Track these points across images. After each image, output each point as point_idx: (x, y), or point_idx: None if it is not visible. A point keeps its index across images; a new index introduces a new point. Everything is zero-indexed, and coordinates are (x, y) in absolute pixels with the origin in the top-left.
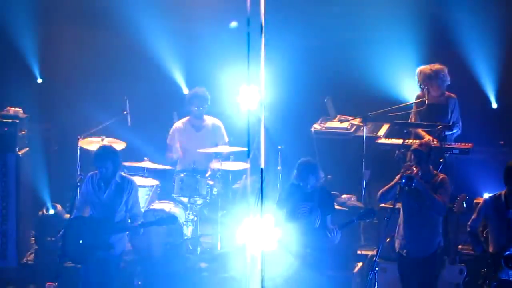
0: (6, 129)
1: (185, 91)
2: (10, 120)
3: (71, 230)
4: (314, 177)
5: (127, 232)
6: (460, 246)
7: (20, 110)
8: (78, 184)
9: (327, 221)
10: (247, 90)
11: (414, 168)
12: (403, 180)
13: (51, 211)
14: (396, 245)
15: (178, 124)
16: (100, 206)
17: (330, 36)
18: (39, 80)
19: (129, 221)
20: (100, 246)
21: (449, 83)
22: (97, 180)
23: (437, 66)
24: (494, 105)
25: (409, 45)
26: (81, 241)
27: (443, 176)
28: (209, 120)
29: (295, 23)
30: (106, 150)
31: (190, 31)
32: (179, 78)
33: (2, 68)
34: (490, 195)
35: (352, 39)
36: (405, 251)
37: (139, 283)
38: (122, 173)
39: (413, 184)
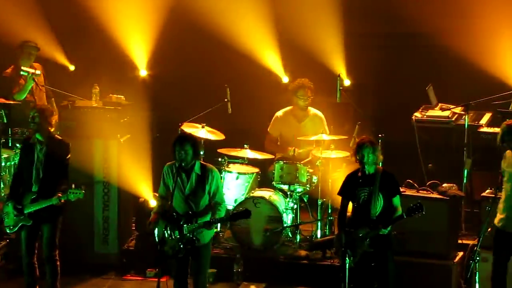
0: (108, 115)
1: (284, 80)
2: (112, 107)
3: (160, 226)
4: (369, 152)
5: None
6: None
7: (122, 97)
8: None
9: (395, 201)
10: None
11: None
12: None
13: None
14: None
15: (279, 113)
16: (183, 200)
17: (430, 23)
18: (143, 73)
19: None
20: (186, 242)
21: None
22: (177, 171)
23: None
24: None
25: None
26: (169, 237)
27: None
28: (311, 112)
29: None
30: (187, 135)
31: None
32: (277, 68)
33: (110, 60)
34: None
35: (452, 25)
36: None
37: (239, 270)
38: (202, 162)
39: None
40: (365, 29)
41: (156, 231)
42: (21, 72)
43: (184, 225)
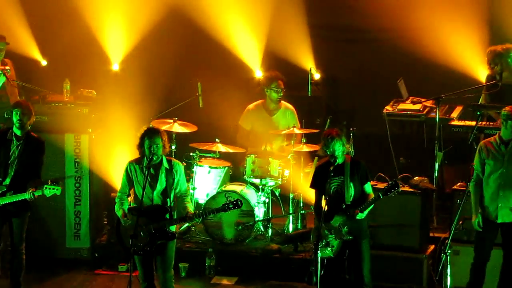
0: (79, 110)
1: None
2: (83, 102)
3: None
4: (338, 143)
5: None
6: None
7: (94, 91)
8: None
9: (366, 188)
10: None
11: None
12: None
13: None
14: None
15: (251, 106)
16: (153, 195)
17: (400, 17)
18: (115, 67)
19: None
20: (163, 237)
21: None
22: (147, 166)
23: (508, 45)
24: None
25: (479, 26)
26: (142, 234)
27: None
28: (283, 105)
29: None
30: (156, 128)
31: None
32: (246, 61)
33: (82, 53)
34: None
35: (423, 21)
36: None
37: (211, 264)
38: (167, 157)
39: None
40: (334, 23)
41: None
42: None
43: (160, 220)
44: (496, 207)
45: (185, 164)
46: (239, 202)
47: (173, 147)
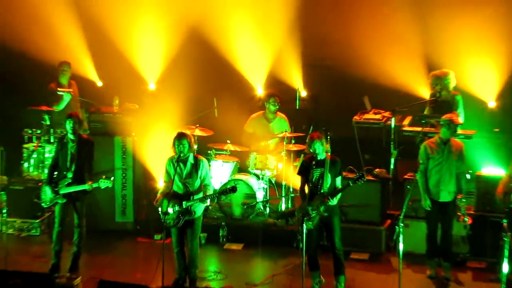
0: (125, 119)
1: (258, 91)
2: (128, 112)
3: (165, 203)
4: (318, 144)
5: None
6: None
7: (136, 105)
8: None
9: (337, 182)
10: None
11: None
12: None
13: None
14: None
15: (253, 116)
16: (181, 183)
17: (365, 52)
18: (152, 86)
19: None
20: (184, 213)
21: (455, 84)
22: (177, 161)
23: (444, 70)
24: (492, 103)
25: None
26: (171, 211)
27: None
28: (278, 115)
29: None
30: (184, 133)
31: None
32: (251, 82)
33: (127, 76)
34: None
35: (381, 55)
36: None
37: (224, 234)
38: (195, 154)
39: None
40: (317, 54)
41: (161, 206)
42: (58, 93)
43: (183, 201)
44: (438, 191)
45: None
46: (234, 188)
47: (195, 146)
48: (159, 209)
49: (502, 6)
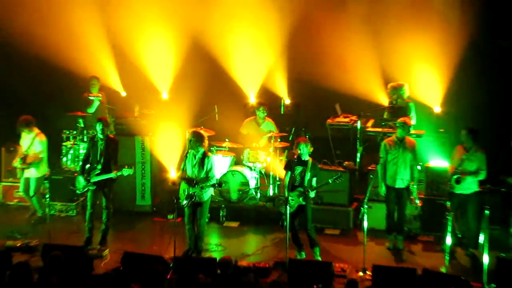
0: (144, 122)
1: (251, 99)
2: (145, 117)
3: (180, 186)
4: (304, 147)
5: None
6: None
7: (152, 110)
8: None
9: (313, 181)
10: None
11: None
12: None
13: (171, 174)
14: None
15: (247, 120)
16: (193, 172)
17: (331, 62)
18: (165, 96)
19: (207, 178)
20: (191, 197)
21: (408, 93)
22: (191, 155)
23: (400, 82)
24: (437, 109)
25: (380, 71)
26: (185, 193)
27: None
28: (266, 119)
29: None
30: (193, 131)
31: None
32: (245, 91)
33: (144, 87)
34: None
35: (345, 70)
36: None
37: (223, 214)
38: (204, 151)
39: None
40: (299, 68)
41: (180, 188)
42: (89, 97)
43: (190, 188)
44: (394, 179)
45: None
46: (221, 183)
47: (206, 144)
48: (178, 191)
49: (444, 28)
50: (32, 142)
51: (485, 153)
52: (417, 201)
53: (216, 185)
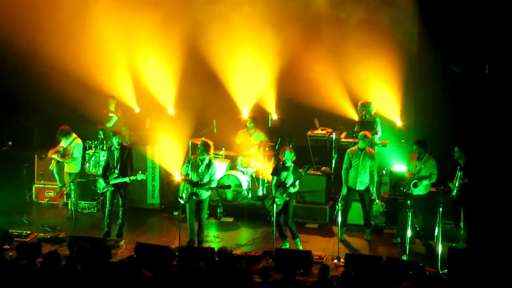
0: (153, 133)
1: (244, 114)
2: (155, 129)
3: (182, 186)
4: (288, 154)
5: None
6: None
7: (160, 124)
8: (188, 160)
9: (296, 183)
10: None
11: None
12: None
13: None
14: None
15: (241, 131)
16: (198, 175)
17: (310, 84)
18: (171, 111)
19: (210, 181)
20: (194, 194)
21: (375, 109)
22: (195, 160)
23: (369, 101)
24: (399, 123)
25: (348, 90)
26: (186, 192)
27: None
28: (257, 130)
29: None
30: (202, 141)
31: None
32: (238, 106)
33: (153, 104)
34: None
35: (322, 90)
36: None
37: (220, 211)
38: (209, 157)
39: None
40: (284, 88)
41: (181, 187)
42: (109, 115)
43: (194, 188)
44: (356, 182)
45: None
46: (229, 186)
47: (211, 152)
48: (179, 189)
49: (402, 54)
50: (70, 143)
51: (435, 160)
52: (377, 201)
53: (225, 186)
